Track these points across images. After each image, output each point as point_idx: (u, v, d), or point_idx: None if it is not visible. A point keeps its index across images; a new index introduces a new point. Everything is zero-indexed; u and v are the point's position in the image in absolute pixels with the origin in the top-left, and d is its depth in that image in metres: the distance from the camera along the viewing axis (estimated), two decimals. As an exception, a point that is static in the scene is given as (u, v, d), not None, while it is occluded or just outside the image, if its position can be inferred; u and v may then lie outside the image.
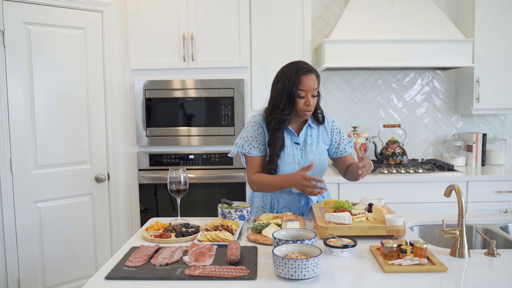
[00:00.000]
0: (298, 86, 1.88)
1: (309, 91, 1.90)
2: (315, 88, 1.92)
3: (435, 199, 2.97)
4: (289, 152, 1.98)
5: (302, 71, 1.90)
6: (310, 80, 1.90)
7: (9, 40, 2.58)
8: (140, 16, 3.07)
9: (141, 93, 3.08)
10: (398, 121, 3.68)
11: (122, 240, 3.12)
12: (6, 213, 2.63)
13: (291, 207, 2.05)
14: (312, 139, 2.03)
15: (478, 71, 3.31)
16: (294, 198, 2.04)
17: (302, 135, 2.01)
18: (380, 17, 3.25)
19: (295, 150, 1.99)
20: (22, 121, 2.66)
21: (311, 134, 2.03)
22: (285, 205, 2.05)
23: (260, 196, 2.11)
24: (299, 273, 1.27)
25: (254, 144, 1.99)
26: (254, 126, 2.01)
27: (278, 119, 1.92)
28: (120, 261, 1.48)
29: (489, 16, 3.28)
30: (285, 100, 1.90)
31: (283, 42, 3.19)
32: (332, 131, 2.08)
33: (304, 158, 2.00)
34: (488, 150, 3.56)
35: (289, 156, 1.98)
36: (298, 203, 2.05)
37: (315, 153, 2.01)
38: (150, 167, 3.14)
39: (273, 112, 1.94)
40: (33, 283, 2.75)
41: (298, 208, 2.05)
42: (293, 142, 2.00)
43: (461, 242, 1.50)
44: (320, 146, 2.04)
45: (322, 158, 2.03)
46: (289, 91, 1.89)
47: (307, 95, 1.91)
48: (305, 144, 2.01)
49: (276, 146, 1.94)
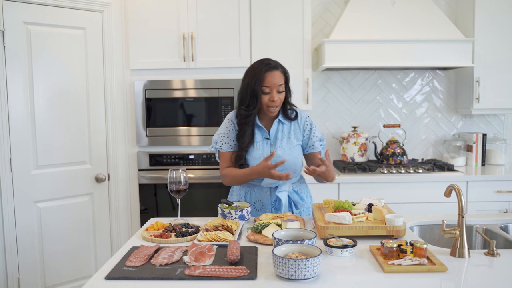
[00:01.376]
0: (262, 82, 1.94)
1: (273, 87, 1.95)
2: (280, 84, 1.97)
3: (435, 199, 2.97)
4: (258, 147, 2.03)
5: (265, 68, 1.96)
6: (274, 77, 1.95)
7: (9, 40, 2.58)
8: (140, 16, 3.07)
9: (141, 93, 3.08)
10: (398, 121, 3.68)
11: (122, 240, 3.12)
12: (6, 213, 2.63)
13: (264, 201, 2.08)
14: (283, 135, 2.07)
15: (478, 71, 3.31)
16: (266, 192, 2.08)
17: (273, 131, 2.06)
18: (380, 17, 3.25)
19: (265, 145, 2.04)
20: (22, 121, 2.66)
21: (282, 130, 2.07)
22: (258, 199, 2.09)
23: (237, 191, 2.16)
24: (299, 273, 1.27)
25: (225, 140, 2.07)
26: (226, 123, 2.10)
27: (243, 114, 2.00)
28: (120, 261, 1.48)
29: (489, 16, 3.28)
30: (249, 96, 1.97)
31: (283, 42, 3.20)
32: (305, 127, 2.11)
33: None
34: (488, 150, 3.56)
35: (258, 151, 2.03)
36: (270, 198, 2.08)
37: (285, 148, 2.04)
38: (150, 167, 3.14)
39: (239, 108, 2.02)
40: (33, 283, 2.75)
41: (270, 203, 2.08)
42: (263, 137, 2.05)
43: (461, 242, 1.50)
44: (291, 141, 2.06)
45: (293, 153, 2.05)
46: (253, 88, 1.95)
47: (272, 91, 1.95)
48: (276, 139, 2.06)
49: (243, 140, 2.01)
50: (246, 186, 2.11)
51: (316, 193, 3.03)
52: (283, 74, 2.00)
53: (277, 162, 1.91)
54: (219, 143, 2.08)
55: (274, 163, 1.86)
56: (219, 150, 2.08)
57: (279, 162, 1.85)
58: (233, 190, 2.20)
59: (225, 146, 2.07)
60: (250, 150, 2.03)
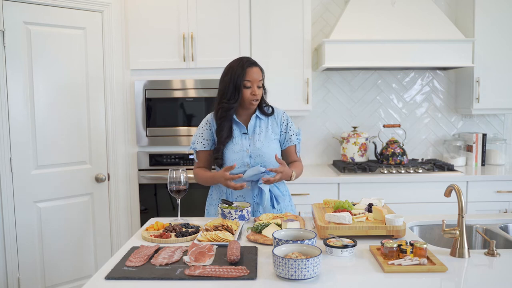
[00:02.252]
0: (244, 77, 2.04)
1: (254, 82, 2.05)
2: (259, 79, 2.07)
3: (435, 199, 2.97)
4: (237, 142, 2.11)
5: (247, 64, 2.07)
6: (254, 72, 2.06)
7: (9, 40, 2.58)
8: (140, 16, 3.07)
9: (141, 93, 3.08)
10: (398, 121, 3.68)
11: (122, 240, 3.12)
12: (6, 213, 2.63)
13: (245, 196, 2.12)
14: (260, 129, 2.14)
15: (478, 71, 3.31)
16: (247, 187, 2.10)
17: (251, 126, 2.14)
18: (380, 17, 3.25)
19: (244, 140, 2.11)
20: (22, 121, 2.66)
21: (260, 125, 2.16)
22: (240, 195, 2.13)
23: (217, 188, 2.20)
24: (299, 273, 1.27)
25: (200, 139, 2.15)
26: (202, 123, 2.19)
27: (224, 107, 2.07)
28: (120, 261, 1.48)
29: (489, 16, 3.28)
30: (232, 90, 2.06)
31: (283, 42, 3.19)
32: (282, 122, 2.19)
33: (252, 146, 2.11)
34: (488, 150, 3.56)
35: (237, 145, 2.10)
36: (251, 192, 2.12)
37: (263, 141, 2.11)
38: (150, 167, 3.14)
39: (220, 102, 2.09)
40: (33, 283, 2.75)
41: (252, 197, 2.12)
42: (242, 132, 2.13)
43: (461, 242, 1.50)
44: (269, 135, 2.14)
45: (271, 146, 2.12)
46: (235, 82, 2.04)
47: (253, 86, 2.05)
48: (254, 133, 2.13)
49: (222, 135, 2.09)
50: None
51: (316, 193, 3.05)
52: (261, 71, 2.11)
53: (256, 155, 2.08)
54: (195, 143, 2.16)
55: (232, 175, 1.97)
56: (194, 149, 2.17)
57: (235, 176, 1.96)
58: (213, 189, 2.24)
59: (199, 145, 2.15)
60: (229, 145, 2.10)
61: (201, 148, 2.15)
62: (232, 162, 2.07)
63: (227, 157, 2.09)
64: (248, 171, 2.03)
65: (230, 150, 2.09)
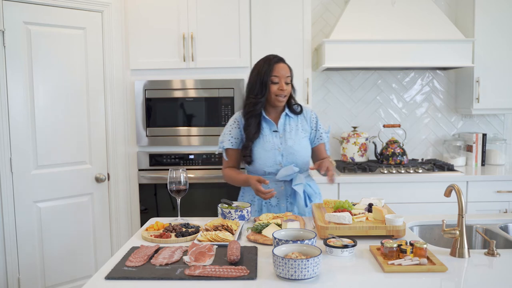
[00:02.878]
0: (271, 72, 2.05)
1: (281, 77, 2.06)
2: (287, 75, 2.08)
3: (435, 199, 2.97)
4: (268, 140, 2.09)
5: (274, 59, 2.09)
6: (282, 68, 2.07)
7: (9, 40, 2.58)
8: (140, 16, 3.07)
9: (141, 93, 3.08)
10: (398, 121, 3.68)
11: (122, 240, 3.12)
12: (6, 213, 2.63)
13: (279, 196, 2.11)
14: (291, 127, 2.14)
15: (478, 71, 3.31)
16: (280, 187, 2.10)
17: (281, 124, 2.13)
18: (380, 17, 3.25)
19: (275, 138, 2.10)
20: (22, 121, 2.66)
21: (290, 123, 2.15)
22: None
23: (249, 189, 2.18)
24: (299, 273, 1.27)
25: (228, 137, 2.15)
26: (231, 121, 2.18)
27: (252, 102, 2.08)
28: (120, 261, 1.48)
29: (489, 16, 3.28)
30: (259, 86, 2.07)
31: (283, 42, 3.19)
32: (311, 120, 2.20)
33: (284, 144, 2.10)
34: (488, 150, 3.56)
35: (268, 143, 2.09)
36: (285, 192, 2.11)
37: (294, 139, 2.11)
38: (150, 167, 3.14)
39: (248, 98, 2.11)
40: (33, 283, 2.75)
41: (285, 197, 2.11)
42: (272, 130, 2.11)
43: (461, 242, 1.50)
44: (299, 133, 2.13)
45: (302, 144, 2.12)
46: (262, 77, 2.06)
47: (281, 81, 2.06)
48: (284, 131, 2.12)
49: (250, 130, 2.08)
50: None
51: (316, 193, 3.04)
52: (289, 69, 2.10)
53: (287, 153, 2.07)
54: (223, 142, 2.15)
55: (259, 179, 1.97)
56: (223, 147, 2.16)
57: (267, 190, 1.94)
58: (245, 190, 2.22)
59: (227, 143, 2.13)
60: (260, 143, 2.08)
61: (229, 146, 2.13)
62: (264, 160, 2.06)
63: (258, 156, 2.07)
64: (281, 171, 2.02)
65: (261, 148, 2.08)
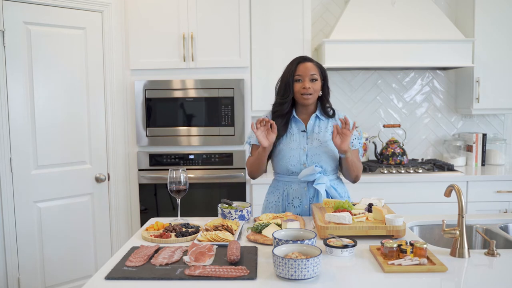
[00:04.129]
0: (295, 72, 2.06)
1: (305, 75, 2.04)
2: (312, 73, 2.05)
3: (435, 199, 2.97)
4: (295, 139, 2.10)
5: (298, 59, 2.09)
6: (305, 67, 2.05)
7: (9, 40, 2.58)
8: (140, 16, 3.07)
9: (141, 93, 3.08)
10: (398, 121, 3.68)
11: (122, 240, 3.12)
12: (6, 213, 2.63)
13: (301, 197, 2.09)
14: (320, 129, 2.12)
15: (478, 71, 3.31)
16: (303, 188, 2.08)
17: (310, 125, 2.12)
18: (380, 17, 3.25)
19: (301, 138, 2.10)
20: (22, 121, 2.66)
21: (319, 125, 2.13)
22: (296, 196, 2.10)
23: (273, 191, 2.17)
24: (299, 273, 1.27)
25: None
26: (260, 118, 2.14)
27: (277, 102, 2.11)
28: (120, 261, 1.48)
29: (489, 16, 3.28)
30: (284, 86, 2.08)
31: (283, 42, 3.19)
32: None
33: (310, 144, 2.09)
34: (488, 150, 3.56)
35: (295, 142, 2.09)
36: (307, 193, 2.09)
37: (321, 140, 2.09)
38: (150, 167, 3.13)
39: (276, 99, 2.13)
40: (33, 283, 2.75)
41: (308, 198, 2.09)
42: (300, 130, 2.12)
43: (461, 242, 1.50)
44: (328, 136, 2.10)
45: (328, 146, 2.09)
46: (286, 78, 2.07)
47: (304, 79, 2.04)
48: (312, 132, 2.11)
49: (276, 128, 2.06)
50: (283, 185, 2.13)
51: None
52: (317, 67, 2.09)
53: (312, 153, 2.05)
54: (251, 137, 2.17)
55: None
56: (249, 143, 2.18)
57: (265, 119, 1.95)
58: (269, 191, 2.22)
59: (253, 139, 2.15)
60: (286, 141, 2.09)
61: (255, 142, 2.13)
62: (288, 158, 2.07)
63: (283, 154, 2.08)
64: (303, 171, 2.02)
65: (286, 146, 2.08)
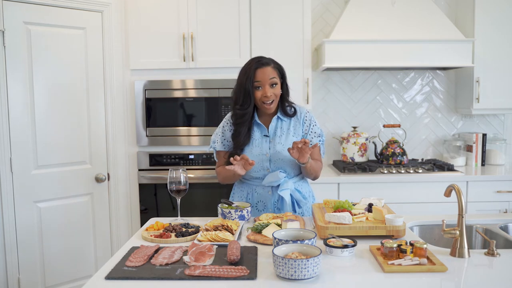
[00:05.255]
0: (253, 79, 1.95)
1: (265, 82, 1.95)
2: (271, 78, 1.96)
3: (435, 199, 2.97)
4: (257, 145, 2.04)
5: (255, 65, 1.97)
6: (264, 72, 1.95)
7: (9, 40, 2.58)
8: (140, 16, 3.07)
9: (141, 93, 3.08)
10: (398, 121, 3.68)
11: (122, 240, 3.12)
12: (6, 213, 2.63)
13: (266, 202, 2.07)
14: (282, 131, 2.06)
15: (478, 71, 3.31)
16: (268, 192, 2.06)
17: (272, 128, 2.06)
18: (380, 17, 3.25)
19: (264, 143, 2.05)
20: (22, 121, 2.66)
21: (281, 127, 2.07)
22: (260, 200, 2.09)
23: (238, 193, 2.16)
24: (299, 273, 1.27)
25: (220, 139, 2.10)
26: (223, 122, 2.13)
27: (238, 114, 2.01)
28: (120, 261, 1.48)
29: (489, 16, 3.28)
30: (243, 95, 1.97)
31: (283, 42, 3.19)
32: (304, 122, 2.10)
33: (272, 149, 2.04)
34: (488, 150, 3.56)
35: (257, 148, 2.04)
36: (272, 198, 2.06)
37: (284, 144, 2.04)
38: (150, 167, 3.14)
39: (234, 108, 2.03)
40: (33, 283, 2.75)
41: (272, 203, 2.06)
42: (262, 135, 2.06)
43: (461, 242, 1.50)
44: (290, 137, 2.05)
45: None
46: (245, 86, 1.96)
47: (264, 86, 1.96)
48: (275, 136, 2.06)
49: (239, 140, 2.02)
50: (247, 187, 2.11)
51: (316, 193, 3.04)
52: (276, 70, 2.00)
53: (276, 159, 1.99)
54: (215, 143, 2.11)
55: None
56: (215, 149, 2.13)
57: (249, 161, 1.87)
58: (234, 192, 2.20)
59: (219, 145, 2.10)
60: (248, 148, 2.04)
61: (221, 148, 2.09)
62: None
63: None
64: (267, 177, 2.00)
65: (248, 153, 2.01)
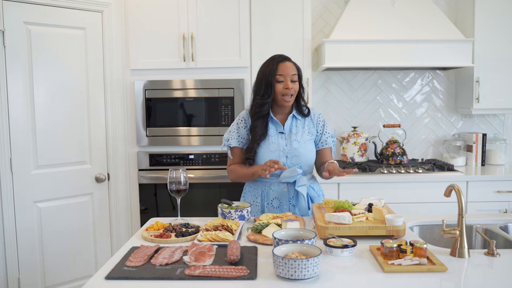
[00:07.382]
0: (276, 72, 2.01)
1: (287, 76, 2.02)
2: (293, 73, 2.03)
3: (435, 199, 2.97)
4: (274, 141, 2.07)
5: (278, 59, 2.05)
6: (286, 66, 2.03)
7: (9, 40, 2.58)
8: (140, 16, 3.07)
9: (141, 93, 3.08)
10: (398, 121, 3.68)
11: (122, 240, 3.12)
12: (6, 213, 2.63)
13: (281, 198, 2.08)
14: (297, 129, 2.11)
15: (478, 71, 3.31)
16: (283, 189, 2.07)
17: (288, 125, 2.10)
18: (380, 17, 3.25)
19: (280, 139, 2.07)
20: (22, 121, 2.66)
21: (297, 125, 2.12)
22: (275, 197, 2.09)
23: (251, 191, 2.16)
24: (299, 273, 1.27)
25: (234, 135, 2.11)
26: (238, 119, 2.15)
27: (258, 103, 2.05)
28: (120, 261, 1.48)
29: (489, 16, 3.28)
30: (264, 86, 2.03)
31: (283, 42, 3.19)
32: (318, 122, 2.16)
33: (289, 146, 2.07)
34: (488, 150, 3.56)
35: (273, 144, 2.06)
36: (287, 194, 2.08)
37: (300, 141, 2.08)
38: (150, 167, 3.14)
39: (254, 99, 2.08)
40: (33, 283, 2.75)
41: (288, 199, 2.08)
42: (278, 132, 2.09)
43: (461, 242, 1.50)
44: (305, 135, 2.10)
45: (307, 147, 2.09)
46: (267, 78, 2.02)
47: (286, 80, 2.01)
48: (290, 133, 2.09)
49: (256, 132, 2.04)
50: (261, 185, 2.12)
51: (316, 193, 3.04)
52: (295, 67, 2.06)
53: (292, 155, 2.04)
54: (230, 140, 2.13)
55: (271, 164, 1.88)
56: (229, 145, 2.13)
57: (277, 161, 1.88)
58: (246, 191, 2.20)
59: (234, 141, 2.11)
60: (264, 144, 2.06)
61: (236, 144, 2.10)
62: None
63: (262, 157, 2.04)
64: (284, 173, 2.01)
65: (265, 149, 2.05)
